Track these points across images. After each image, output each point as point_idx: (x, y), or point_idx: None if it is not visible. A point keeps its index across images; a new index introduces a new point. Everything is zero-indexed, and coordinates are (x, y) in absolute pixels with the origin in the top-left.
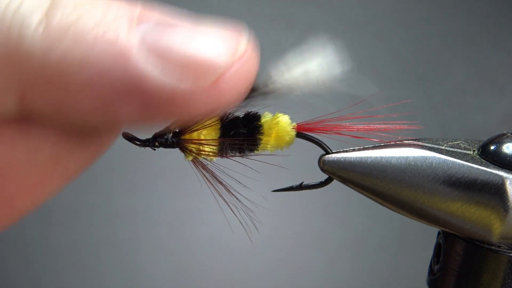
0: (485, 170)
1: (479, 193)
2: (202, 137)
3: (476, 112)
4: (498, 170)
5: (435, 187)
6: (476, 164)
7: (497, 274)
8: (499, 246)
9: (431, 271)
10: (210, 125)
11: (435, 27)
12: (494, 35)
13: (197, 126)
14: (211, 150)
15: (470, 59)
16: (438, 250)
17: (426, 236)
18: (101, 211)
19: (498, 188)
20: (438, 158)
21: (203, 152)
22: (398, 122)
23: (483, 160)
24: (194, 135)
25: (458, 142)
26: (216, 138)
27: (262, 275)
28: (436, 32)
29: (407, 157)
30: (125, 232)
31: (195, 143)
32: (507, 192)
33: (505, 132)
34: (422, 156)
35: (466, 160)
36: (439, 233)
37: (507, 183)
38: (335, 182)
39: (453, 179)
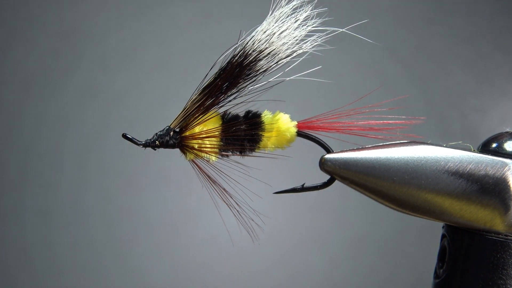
0: (487, 157)
1: (482, 180)
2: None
3: (476, 112)
4: (500, 157)
5: (438, 177)
6: (478, 154)
7: (506, 263)
8: (506, 235)
9: (436, 276)
10: (211, 116)
11: (435, 27)
12: (494, 35)
13: (198, 120)
14: (213, 145)
15: (470, 59)
16: (442, 255)
17: (426, 237)
18: (100, 211)
19: (501, 174)
20: (441, 149)
21: (204, 148)
22: (398, 118)
23: (484, 154)
24: (196, 129)
25: (457, 142)
26: (218, 126)
27: (263, 275)
28: (436, 32)
29: (409, 151)
30: (124, 232)
31: (197, 138)
32: (510, 178)
33: (505, 130)
34: (425, 149)
35: (468, 152)
36: (443, 236)
37: (510, 169)
38: (335, 183)
39: (456, 168)
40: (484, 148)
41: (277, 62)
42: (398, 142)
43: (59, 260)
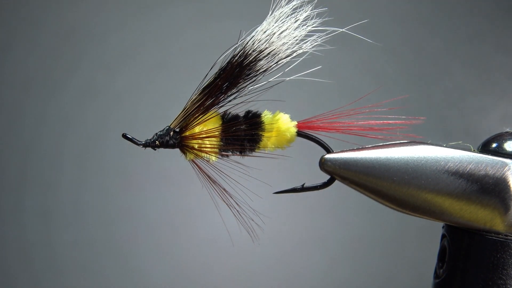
0: (487, 157)
1: (482, 180)
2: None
3: (476, 112)
4: (500, 157)
5: (438, 177)
6: (478, 154)
7: (506, 263)
8: (506, 235)
9: (436, 276)
10: (211, 116)
11: (435, 27)
12: (494, 35)
13: (198, 120)
14: (213, 145)
15: (470, 59)
16: (443, 255)
17: (426, 237)
18: (100, 211)
19: (501, 174)
20: (441, 149)
21: (204, 148)
22: (398, 118)
23: (484, 154)
24: (196, 129)
25: (457, 142)
26: (218, 126)
27: (263, 275)
28: (436, 32)
29: (409, 151)
30: (124, 232)
31: (197, 138)
32: (510, 178)
33: (505, 130)
34: (425, 149)
35: (468, 152)
36: (443, 236)
37: (510, 169)
38: (335, 183)
39: (456, 168)
40: (484, 148)
41: (277, 62)
42: (398, 142)
43: (59, 260)
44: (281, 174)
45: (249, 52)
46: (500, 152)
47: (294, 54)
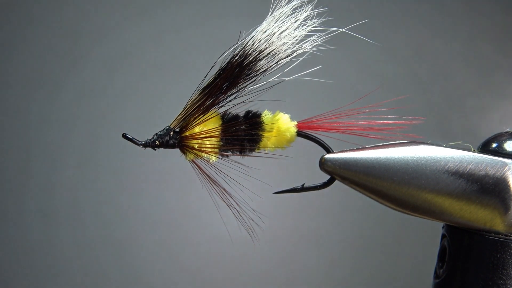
0: (487, 157)
1: (482, 180)
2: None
3: (476, 112)
4: (500, 157)
5: (438, 177)
6: (478, 154)
7: (506, 263)
8: (506, 235)
9: (436, 276)
10: (211, 116)
11: (435, 27)
12: (494, 36)
13: (198, 120)
14: (213, 145)
15: (470, 59)
16: (443, 255)
17: (426, 237)
18: (100, 211)
19: (501, 174)
20: (441, 149)
21: (204, 148)
22: (398, 118)
23: (484, 154)
24: (196, 129)
25: (457, 142)
26: (218, 126)
27: (263, 275)
28: (436, 32)
29: (409, 151)
30: (124, 232)
31: (196, 138)
32: (510, 178)
33: (505, 130)
34: (425, 149)
35: (468, 152)
36: (443, 236)
37: (510, 169)
38: (335, 183)
39: (456, 168)
40: (484, 148)
41: (277, 62)
42: (398, 142)
43: (59, 260)
44: (281, 174)
45: (249, 52)
46: (500, 152)
47: (294, 54)
